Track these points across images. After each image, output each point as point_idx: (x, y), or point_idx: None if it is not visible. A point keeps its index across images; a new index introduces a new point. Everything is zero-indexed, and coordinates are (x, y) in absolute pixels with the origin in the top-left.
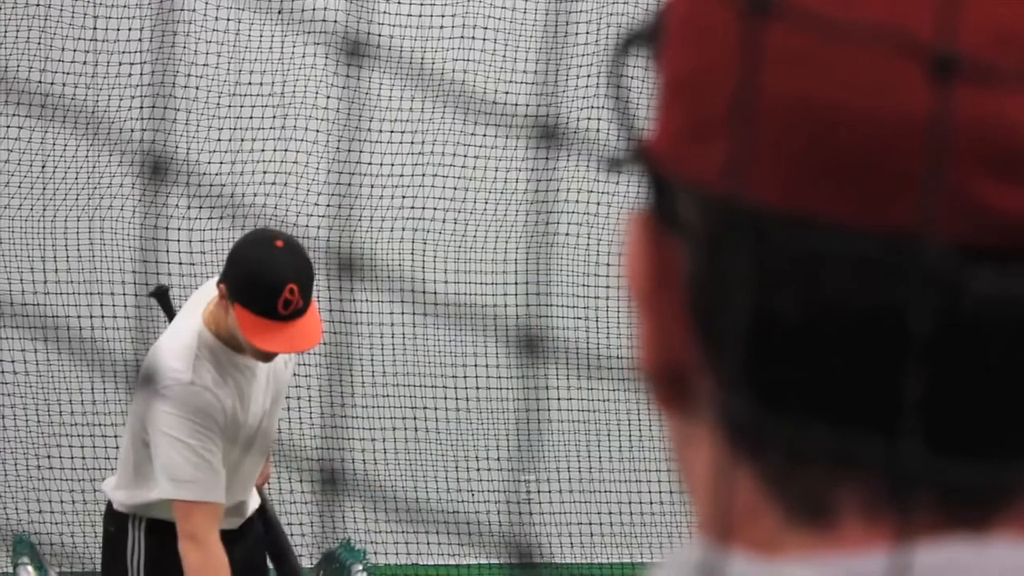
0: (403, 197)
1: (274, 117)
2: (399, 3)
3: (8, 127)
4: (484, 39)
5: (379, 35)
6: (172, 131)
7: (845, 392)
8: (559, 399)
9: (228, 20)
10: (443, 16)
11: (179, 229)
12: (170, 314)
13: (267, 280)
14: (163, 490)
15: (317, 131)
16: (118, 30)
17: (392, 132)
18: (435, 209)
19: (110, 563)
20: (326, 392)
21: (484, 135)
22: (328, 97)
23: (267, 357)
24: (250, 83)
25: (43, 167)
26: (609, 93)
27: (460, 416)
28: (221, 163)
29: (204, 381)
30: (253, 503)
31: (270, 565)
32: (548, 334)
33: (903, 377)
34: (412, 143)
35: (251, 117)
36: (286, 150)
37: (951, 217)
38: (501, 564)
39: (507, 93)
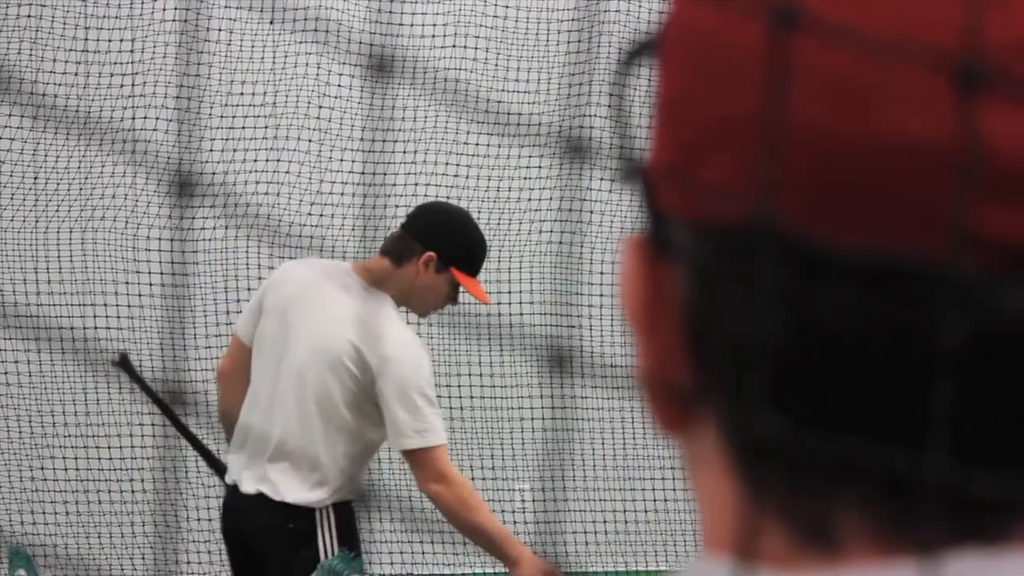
0: (396, 207)
1: (266, 127)
2: (391, 13)
3: (0, 139)
4: (476, 48)
5: (371, 44)
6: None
7: (859, 411)
8: (552, 408)
9: (220, 31)
10: (435, 25)
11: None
12: (137, 379)
13: (483, 246)
14: (409, 442)
15: (309, 141)
16: (109, 40)
17: (384, 141)
18: None
19: (291, 556)
20: None
21: (477, 144)
22: (320, 107)
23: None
24: (242, 93)
25: (35, 178)
26: (611, 108)
27: (455, 425)
28: (214, 173)
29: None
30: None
31: None
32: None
33: (929, 392)
34: (404, 152)
35: (243, 128)
36: (279, 160)
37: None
38: (497, 572)
39: (500, 102)
